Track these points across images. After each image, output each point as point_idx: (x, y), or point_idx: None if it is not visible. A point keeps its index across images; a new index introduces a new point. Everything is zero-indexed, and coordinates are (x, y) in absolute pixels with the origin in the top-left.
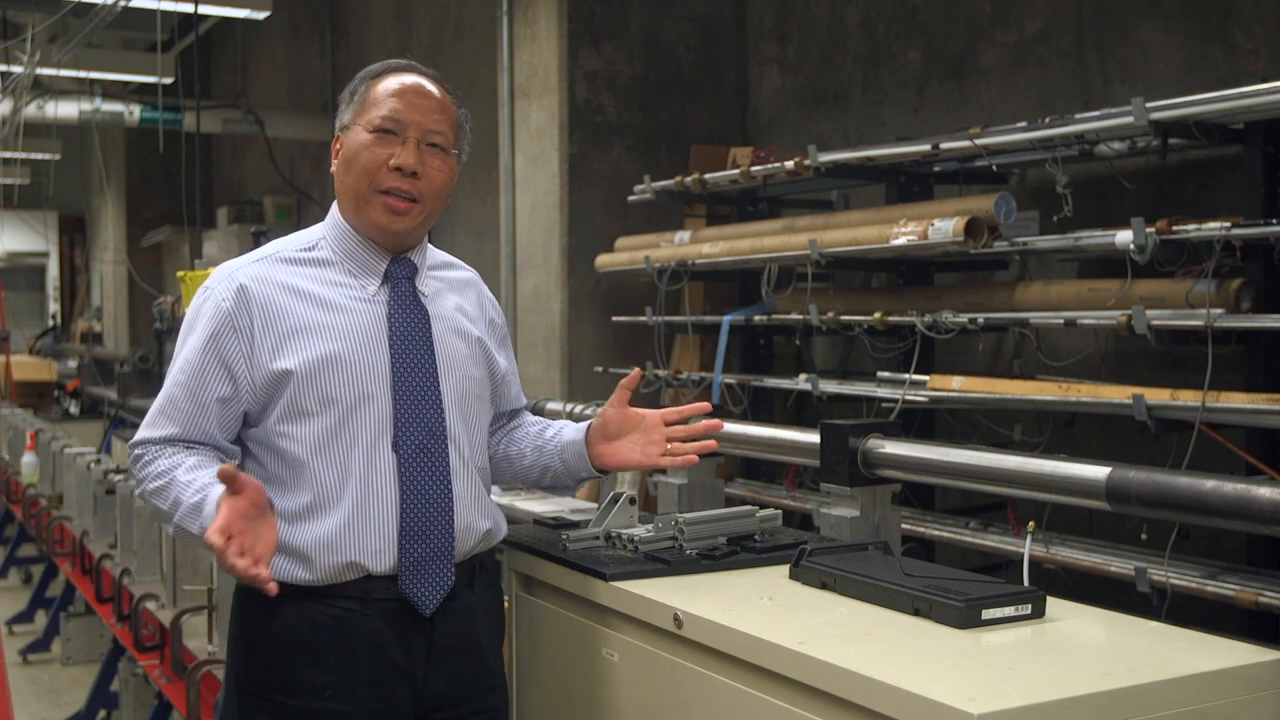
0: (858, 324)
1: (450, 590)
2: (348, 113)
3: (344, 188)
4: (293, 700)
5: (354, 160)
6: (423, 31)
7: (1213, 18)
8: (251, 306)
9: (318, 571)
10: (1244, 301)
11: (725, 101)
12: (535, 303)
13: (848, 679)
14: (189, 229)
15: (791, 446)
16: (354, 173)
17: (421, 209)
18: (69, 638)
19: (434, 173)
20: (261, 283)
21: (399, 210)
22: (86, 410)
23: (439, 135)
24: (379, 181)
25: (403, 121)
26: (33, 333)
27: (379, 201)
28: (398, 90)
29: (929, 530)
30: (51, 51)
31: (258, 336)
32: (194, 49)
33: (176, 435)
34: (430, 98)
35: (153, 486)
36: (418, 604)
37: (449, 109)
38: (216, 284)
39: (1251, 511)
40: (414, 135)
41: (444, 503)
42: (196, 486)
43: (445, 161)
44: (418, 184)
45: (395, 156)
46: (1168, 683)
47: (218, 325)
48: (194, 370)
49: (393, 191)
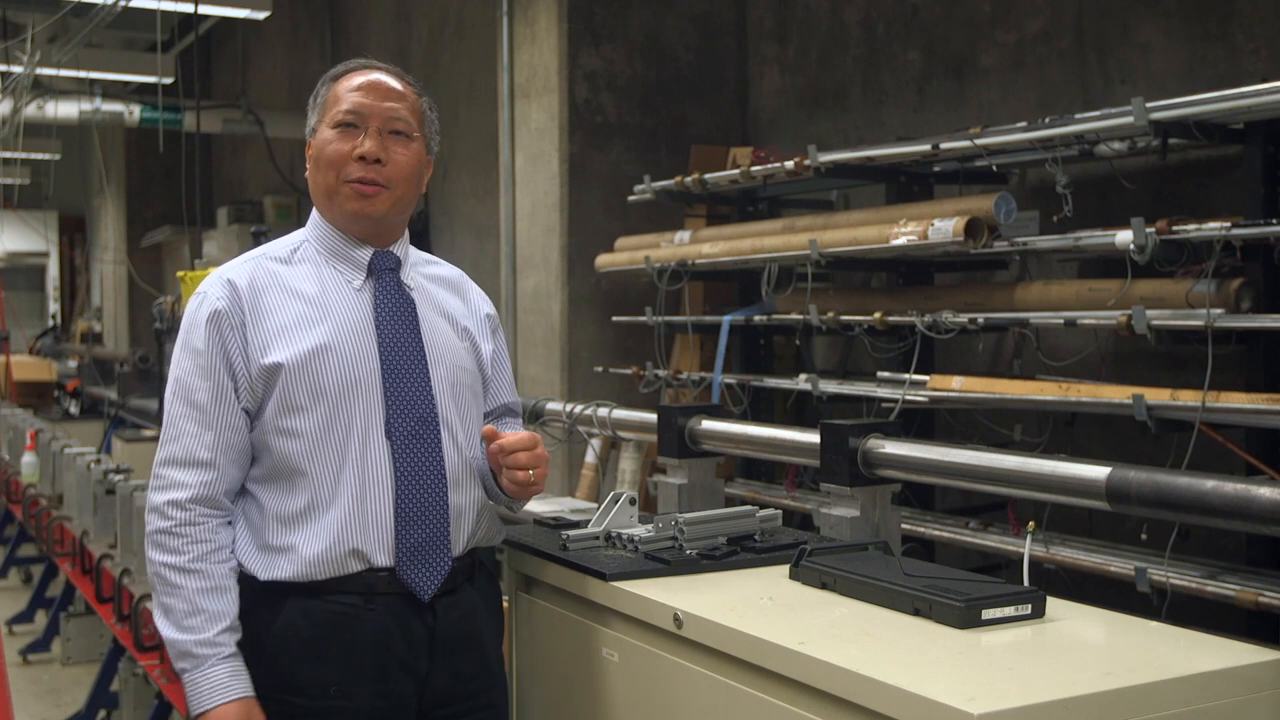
0: (858, 324)
1: (448, 578)
2: (314, 116)
3: (316, 186)
4: (298, 699)
5: (320, 156)
6: (423, 31)
7: (1213, 18)
8: (243, 303)
9: (319, 566)
10: (1244, 301)
11: (725, 101)
12: (535, 303)
13: (848, 679)
14: (189, 229)
15: (791, 446)
16: (321, 168)
17: (390, 194)
18: (69, 638)
19: (398, 157)
20: (251, 282)
21: (366, 194)
22: (86, 410)
23: (400, 121)
24: (346, 173)
25: (363, 113)
26: (33, 333)
27: (346, 190)
28: (357, 86)
29: (929, 530)
30: (51, 51)
31: (249, 333)
32: (194, 49)
33: (203, 496)
34: (389, 89)
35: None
36: (416, 589)
37: (409, 97)
38: (209, 287)
39: (1251, 511)
40: (375, 124)
41: (438, 486)
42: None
43: (408, 147)
44: (383, 170)
45: (358, 146)
46: (1168, 683)
47: (215, 326)
48: (214, 394)
49: (359, 180)
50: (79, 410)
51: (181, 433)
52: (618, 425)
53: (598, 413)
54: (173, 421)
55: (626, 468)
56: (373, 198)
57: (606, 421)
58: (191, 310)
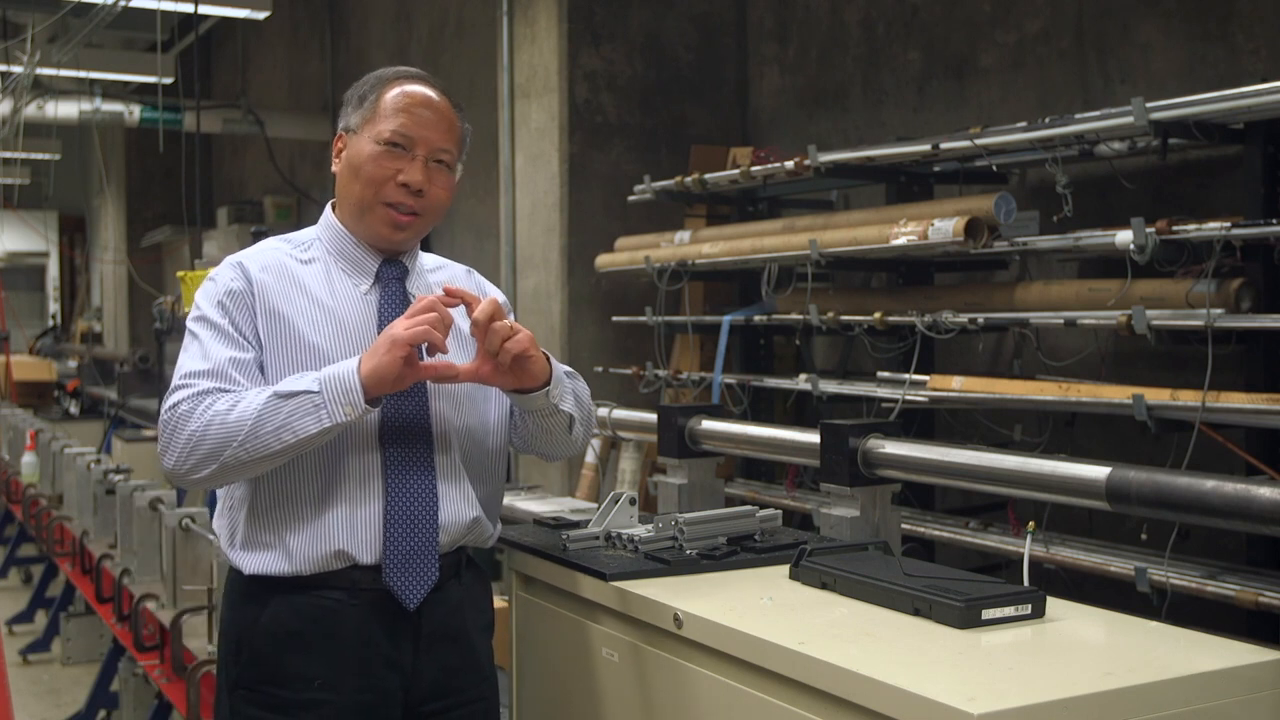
0: (858, 324)
1: (435, 584)
2: (355, 116)
3: (347, 194)
4: (282, 691)
5: (360, 170)
6: (423, 31)
7: (1213, 18)
8: (253, 286)
9: (305, 562)
10: (1244, 301)
11: (725, 101)
12: (535, 303)
13: (848, 679)
14: (189, 229)
15: (791, 446)
16: (360, 182)
17: (422, 223)
18: (69, 638)
19: (438, 189)
20: (263, 268)
21: (401, 225)
22: (86, 410)
23: (446, 153)
24: (385, 194)
25: (412, 138)
26: (33, 333)
27: (382, 213)
28: (407, 104)
29: (929, 530)
30: (51, 51)
31: (259, 315)
32: (194, 49)
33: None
34: (439, 112)
35: (224, 406)
36: (402, 598)
37: (455, 126)
38: (221, 271)
39: (1251, 511)
40: (422, 153)
41: (428, 499)
42: (291, 378)
43: (448, 179)
44: (421, 200)
45: (404, 173)
46: (1168, 683)
47: (230, 297)
48: (223, 334)
49: (397, 206)
50: (79, 410)
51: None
52: (618, 425)
53: (597, 413)
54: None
55: (626, 468)
56: (406, 228)
57: (606, 421)
58: (204, 292)
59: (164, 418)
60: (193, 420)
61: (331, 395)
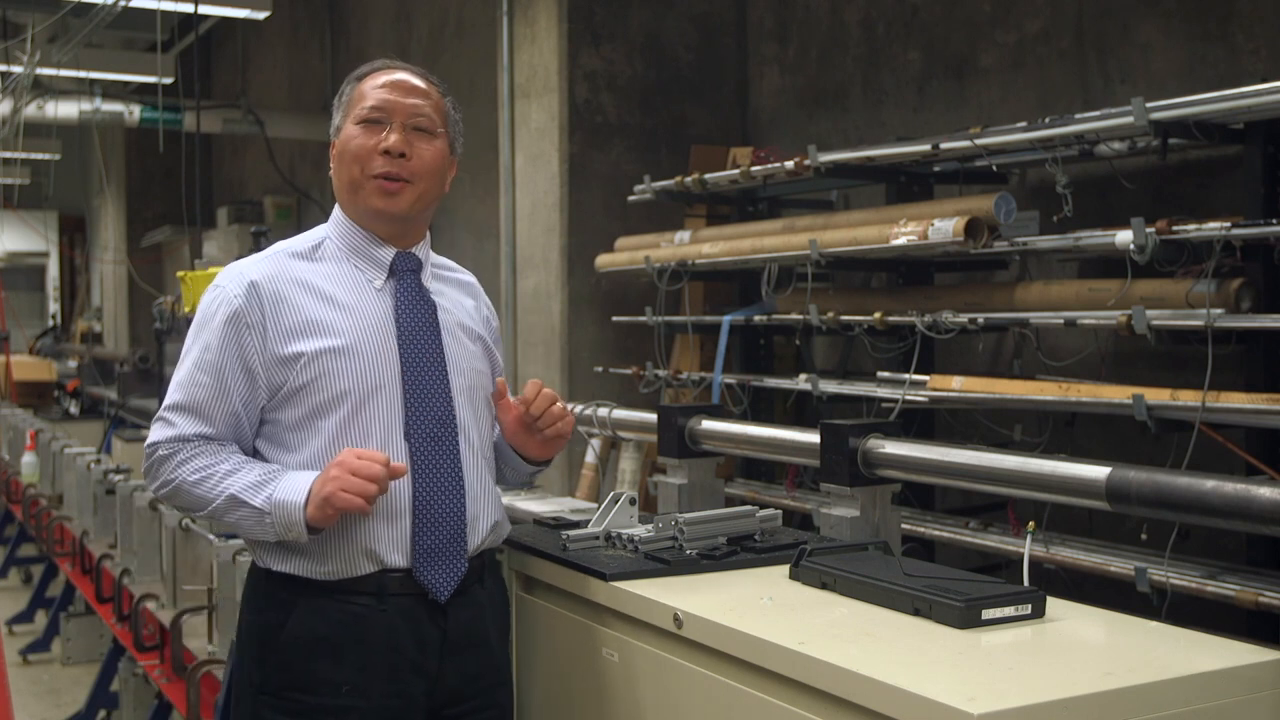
0: (858, 324)
1: (463, 579)
2: (338, 115)
3: (340, 181)
4: (309, 697)
5: (344, 151)
6: (423, 31)
7: (1213, 18)
8: (263, 302)
9: (334, 564)
10: (1244, 301)
11: (725, 101)
12: (535, 303)
13: (848, 679)
14: (189, 229)
15: (791, 446)
16: (346, 162)
17: (414, 189)
18: (69, 638)
19: (422, 152)
20: (271, 279)
21: (390, 191)
22: (86, 410)
23: (423, 118)
24: (370, 167)
25: (387, 109)
26: (33, 333)
27: (372, 185)
28: (381, 84)
29: (929, 530)
30: (51, 51)
31: (270, 331)
32: (194, 49)
33: (210, 434)
34: (412, 86)
35: (193, 478)
36: (433, 590)
37: (433, 95)
38: (226, 282)
39: (1251, 511)
40: (399, 119)
41: (455, 489)
42: (258, 472)
43: (432, 143)
44: (407, 165)
45: (383, 141)
46: (1168, 683)
47: (232, 323)
48: (215, 370)
49: (384, 175)
50: (79, 410)
51: (183, 379)
52: (618, 425)
53: (598, 413)
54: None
55: (626, 468)
56: (397, 194)
57: (606, 421)
58: (207, 304)
59: (146, 449)
60: (165, 471)
61: (277, 520)
